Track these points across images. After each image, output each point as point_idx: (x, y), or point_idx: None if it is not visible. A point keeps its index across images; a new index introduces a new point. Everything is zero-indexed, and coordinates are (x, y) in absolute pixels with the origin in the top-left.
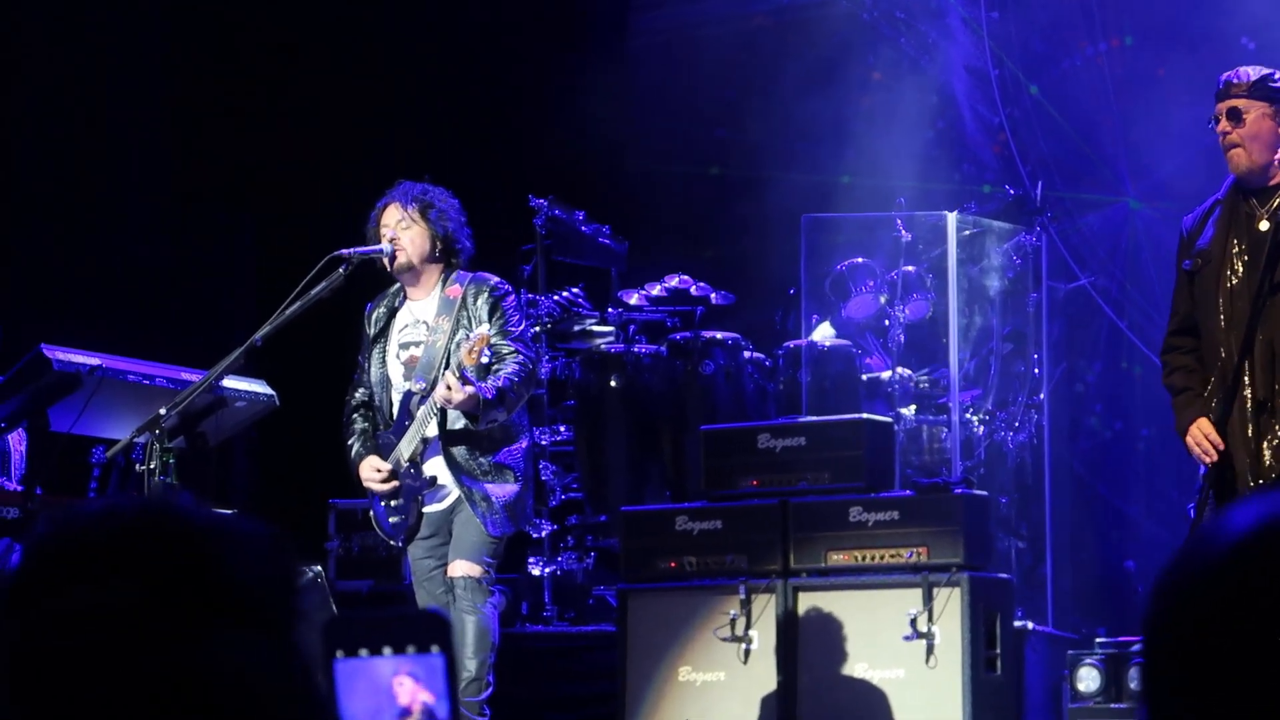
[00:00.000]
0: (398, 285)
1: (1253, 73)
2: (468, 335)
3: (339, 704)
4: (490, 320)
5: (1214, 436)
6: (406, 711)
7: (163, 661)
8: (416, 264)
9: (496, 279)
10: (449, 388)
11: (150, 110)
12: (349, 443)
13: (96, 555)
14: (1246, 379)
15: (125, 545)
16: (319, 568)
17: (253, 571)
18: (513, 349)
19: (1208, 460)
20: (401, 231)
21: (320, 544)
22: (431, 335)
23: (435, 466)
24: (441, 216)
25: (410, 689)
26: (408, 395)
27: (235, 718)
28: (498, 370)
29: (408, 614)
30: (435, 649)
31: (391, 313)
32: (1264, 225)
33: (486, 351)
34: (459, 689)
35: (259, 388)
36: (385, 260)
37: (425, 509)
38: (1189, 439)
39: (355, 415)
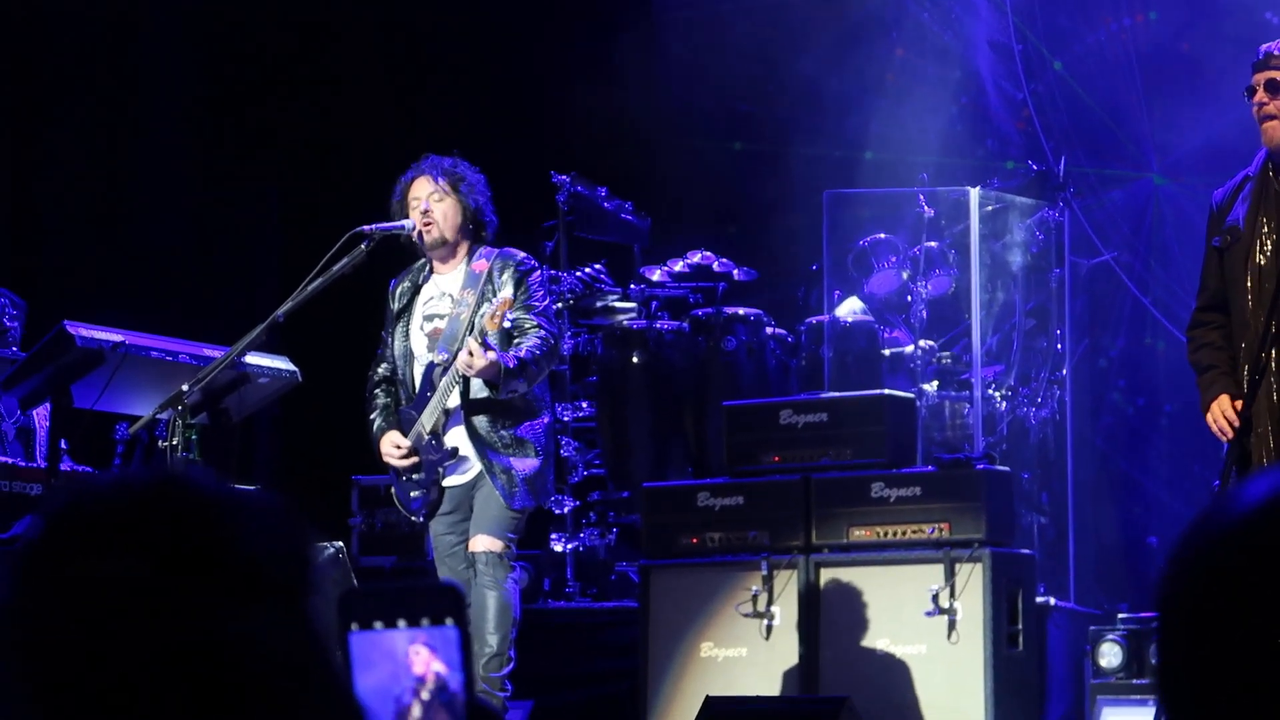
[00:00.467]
0: (423, 260)
1: None
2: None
3: (354, 676)
4: (515, 294)
5: (1231, 414)
6: (421, 680)
7: (174, 633)
8: (450, 237)
9: (523, 254)
10: (470, 353)
11: (175, 86)
12: (370, 418)
13: (108, 526)
14: (1274, 358)
15: (137, 517)
16: (340, 544)
17: (264, 544)
18: (535, 323)
19: (1225, 438)
20: (434, 204)
21: (343, 520)
22: (456, 308)
23: (457, 437)
24: (471, 190)
25: (425, 658)
26: (430, 367)
27: (247, 690)
28: (519, 343)
29: (422, 586)
30: (449, 621)
31: (416, 288)
32: None
33: (508, 317)
34: (473, 661)
35: (282, 364)
36: (410, 236)
37: (446, 483)
38: (1209, 417)
39: (377, 390)
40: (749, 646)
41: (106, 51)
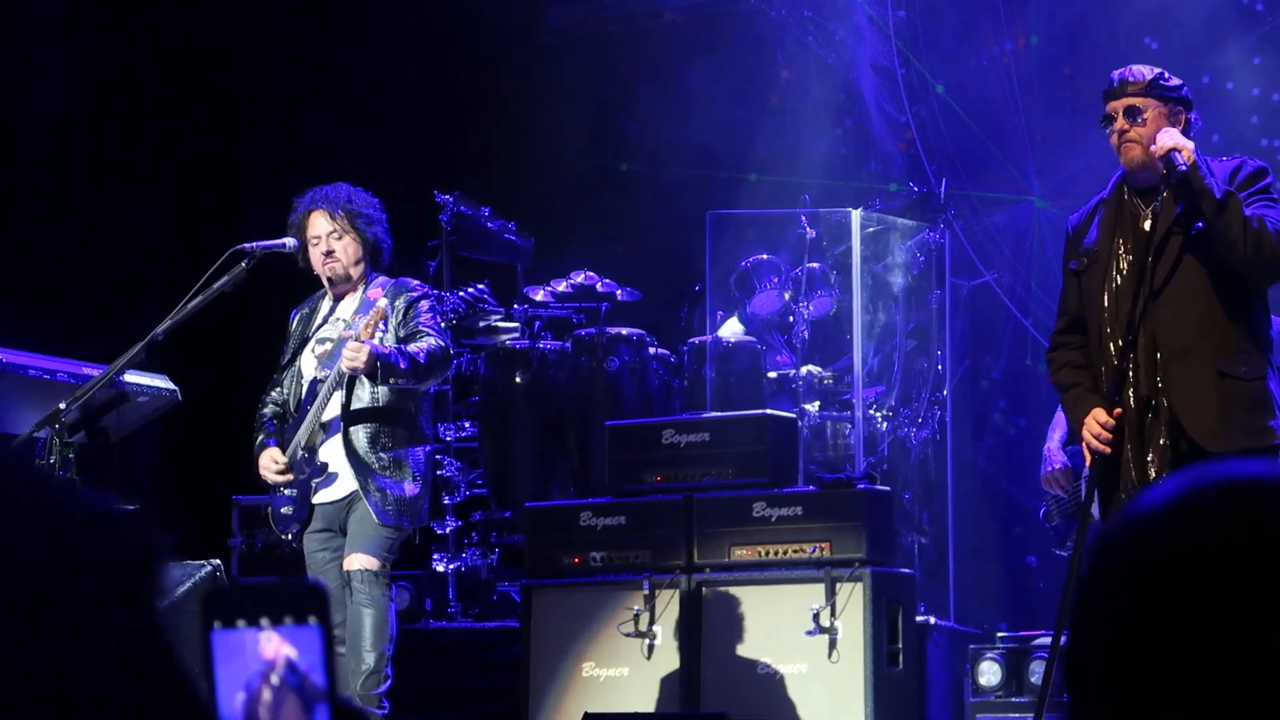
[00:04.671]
0: (323, 290)
1: (1147, 72)
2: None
3: (215, 675)
4: (405, 317)
5: (1108, 421)
6: (271, 665)
7: (11, 634)
8: (353, 274)
9: (417, 283)
10: (351, 350)
11: (57, 96)
12: (256, 436)
13: None
14: (1131, 380)
15: None
16: (218, 561)
17: (110, 547)
18: (426, 331)
19: (1103, 450)
20: (334, 243)
21: (223, 540)
22: (347, 330)
23: (331, 452)
24: (370, 224)
25: (275, 643)
26: (314, 383)
27: (89, 696)
28: (416, 342)
29: (285, 585)
30: (312, 620)
31: (314, 316)
32: (1147, 225)
33: (382, 326)
34: (336, 661)
35: (161, 382)
36: (294, 254)
37: (316, 500)
38: (1085, 431)
39: (268, 415)
40: (631, 666)
41: None
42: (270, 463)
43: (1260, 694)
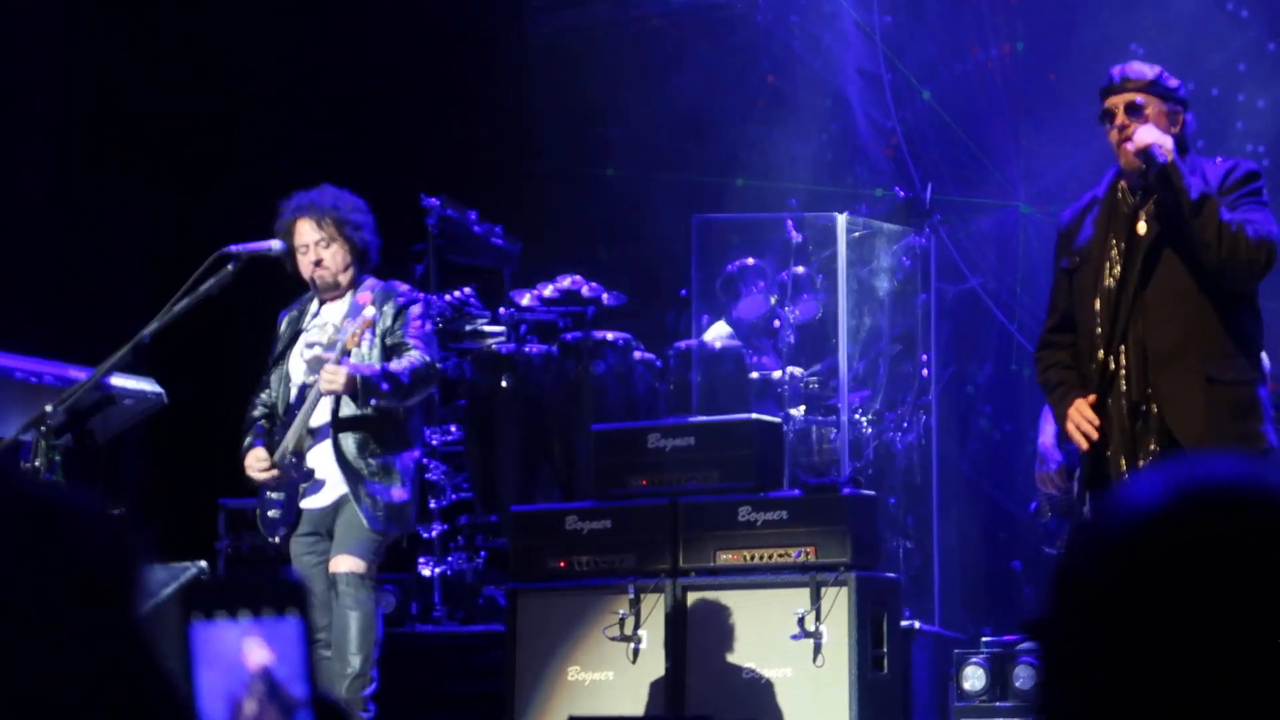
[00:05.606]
0: (312, 293)
1: (1148, 70)
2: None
3: (195, 668)
4: (393, 325)
5: (1090, 414)
6: (256, 676)
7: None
8: (342, 281)
9: (406, 287)
10: (329, 373)
11: (41, 97)
12: (244, 439)
13: None
14: (1122, 382)
15: None
16: (204, 563)
17: (91, 549)
18: (412, 345)
19: (1088, 437)
20: (322, 251)
21: (210, 543)
22: (336, 335)
23: (320, 458)
24: (358, 230)
25: (261, 654)
26: (302, 388)
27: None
28: (400, 358)
29: (265, 578)
30: (292, 612)
31: (302, 317)
32: (1142, 227)
33: (369, 335)
34: (317, 656)
35: (147, 385)
36: (280, 256)
37: (304, 504)
38: (1068, 422)
39: (256, 418)
40: (616, 670)
41: None
42: (255, 461)
43: (1260, 698)
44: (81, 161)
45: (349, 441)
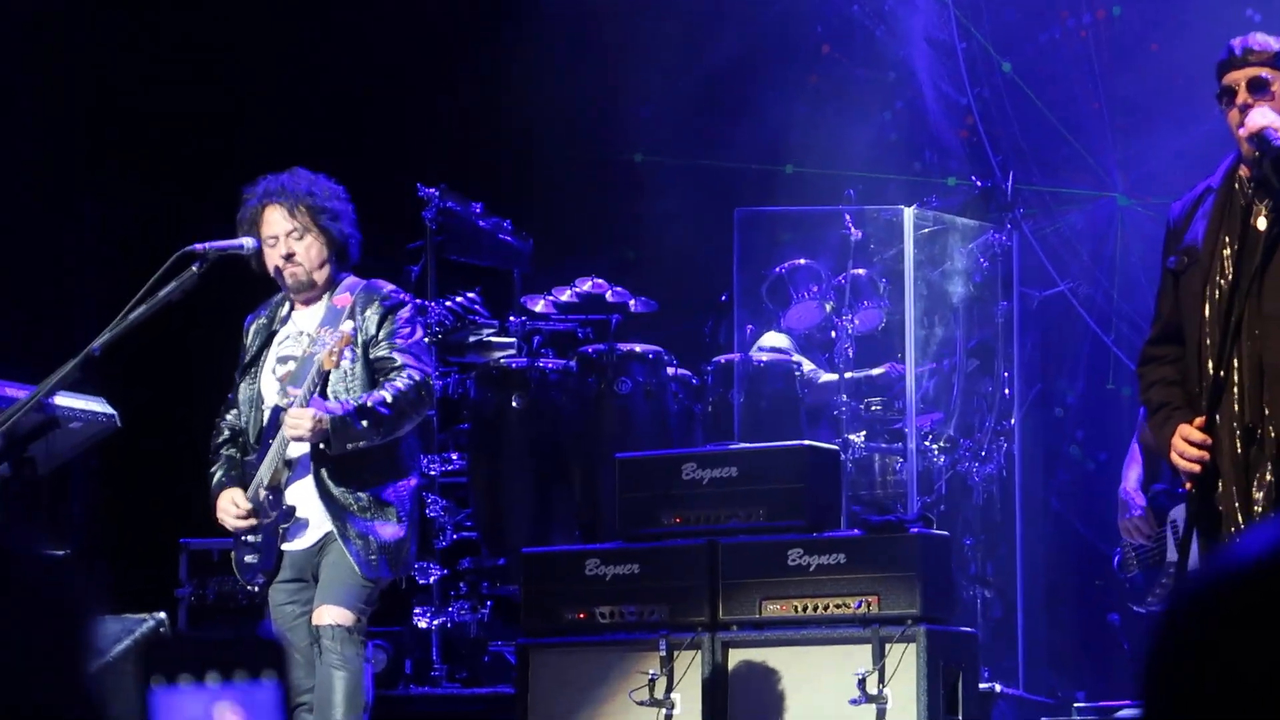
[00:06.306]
0: (282, 294)
1: (1273, 41)
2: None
3: None
4: (378, 332)
5: (1197, 436)
6: None
7: None
8: (318, 279)
9: (391, 287)
10: (293, 418)
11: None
12: (212, 471)
13: None
14: (1234, 403)
15: None
16: (163, 616)
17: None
18: (401, 362)
19: (1196, 467)
20: (294, 244)
21: (170, 590)
22: (312, 347)
23: (300, 494)
24: (335, 218)
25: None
26: (276, 410)
27: None
28: (382, 385)
29: (236, 636)
30: (268, 675)
31: (272, 326)
32: (1261, 222)
33: (349, 353)
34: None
35: (97, 406)
36: (251, 257)
37: (286, 547)
38: (1172, 454)
39: (223, 442)
40: None
41: None
42: (230, 506)
43: None
44: (28, 149)
45: (334, 474)
